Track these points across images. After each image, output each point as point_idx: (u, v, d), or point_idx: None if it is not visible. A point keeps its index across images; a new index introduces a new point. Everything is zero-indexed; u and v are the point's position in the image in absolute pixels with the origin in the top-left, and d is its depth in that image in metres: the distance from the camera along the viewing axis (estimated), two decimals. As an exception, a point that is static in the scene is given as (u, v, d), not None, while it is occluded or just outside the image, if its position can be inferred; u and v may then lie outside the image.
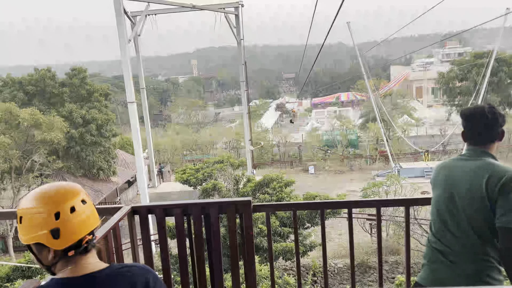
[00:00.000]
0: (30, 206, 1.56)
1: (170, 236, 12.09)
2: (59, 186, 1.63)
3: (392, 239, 19.36)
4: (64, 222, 1.54)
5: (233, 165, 21.31)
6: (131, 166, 36.08)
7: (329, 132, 49.09)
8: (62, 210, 1.54)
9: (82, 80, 31.22)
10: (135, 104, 21.15)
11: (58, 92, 30.31)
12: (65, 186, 1.63)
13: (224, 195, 17.87)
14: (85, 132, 29.18)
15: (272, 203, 5.79)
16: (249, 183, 18.67)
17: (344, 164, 42.61)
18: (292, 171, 41.43)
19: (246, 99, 35.73)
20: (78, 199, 1.60)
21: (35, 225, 1.54)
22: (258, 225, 14.65)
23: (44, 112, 27.63)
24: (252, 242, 3.30)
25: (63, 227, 1.54)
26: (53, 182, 1.74)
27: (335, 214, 16.44)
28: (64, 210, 1.55)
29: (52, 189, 1.60)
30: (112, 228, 3.00)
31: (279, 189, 17.68)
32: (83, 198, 1.62)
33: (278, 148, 47.70)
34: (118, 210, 3.21)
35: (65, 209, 1.55)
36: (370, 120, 47.31)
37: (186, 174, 21.58)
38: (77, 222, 1.56)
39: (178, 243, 3.36)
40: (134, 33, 26.83)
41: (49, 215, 1.53)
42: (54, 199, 1.56)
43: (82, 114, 29.46)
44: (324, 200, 16.00)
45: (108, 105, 33.79)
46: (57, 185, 1.63)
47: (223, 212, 3.29)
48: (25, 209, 1.57)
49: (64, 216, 1.54)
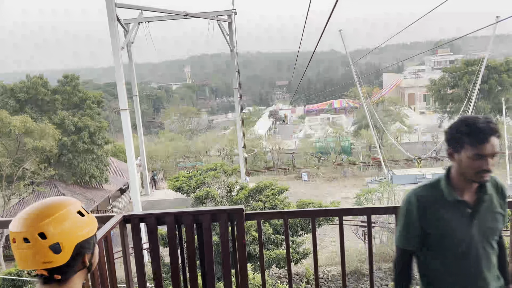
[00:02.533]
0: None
1: (163, 244, 12.02)
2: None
3: (386, 246, 19.39)
4: (14, 250, 1.55)
5: (226, 173, 21.26)
6: (123, 173, 35.89)
7: (322, 139, 49.25)
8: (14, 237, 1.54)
9: (75, 87, 31.12)
10: (128, 111, 21.09)
11: (50, 100, 30.17)
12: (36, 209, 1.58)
13: (217, 203, 17.81)
14: (77, 140, 29.01)
15: (264, 211, 5.79)
16: (242, 190, 18.64)
17: (338, 171, 42.72)
18: (286, 178, 41.45)
19: (240, 106, 35.79)
20: (22, 235, 1.52)
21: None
22: (251, 232, 14.62)
23: (36, 120, 27.47)
24: (245, 250, 3.30)
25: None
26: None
27: (328, 221, 16.44)
28: (16, 237, 1.53)
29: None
30: (104, 237, 2.99)
31: (272, 196, 17.66)
32: (26, 236, 1.51)
33: (271, 155, 47.72)
34: (110, 219, 3.20)
35: (18, 237, 1.53)
36: (363, 127, 47.56)
37: (179, 182, 21.49)
38: (17, 254, 1.53)
39: (170, 252, 3.35)
40: (127, 40, 26.85)
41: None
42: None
43: (75, 122, 29.31)
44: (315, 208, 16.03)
45: (101, 112, 33.70)
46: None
47: (215, 221, 3.29)
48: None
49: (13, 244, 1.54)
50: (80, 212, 1.61)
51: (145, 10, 25.31)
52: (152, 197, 34.31)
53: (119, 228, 3.30)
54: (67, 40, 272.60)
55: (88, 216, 1.64)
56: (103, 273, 2.98)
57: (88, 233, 1.61)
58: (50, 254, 1.51)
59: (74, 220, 1.57)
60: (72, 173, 30.02)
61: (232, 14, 31.10)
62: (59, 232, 1.51)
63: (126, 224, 3.32)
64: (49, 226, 1.51)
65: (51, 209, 1.55)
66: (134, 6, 24.32)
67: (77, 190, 30.01)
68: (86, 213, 1.64)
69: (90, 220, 1.65)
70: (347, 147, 47.60)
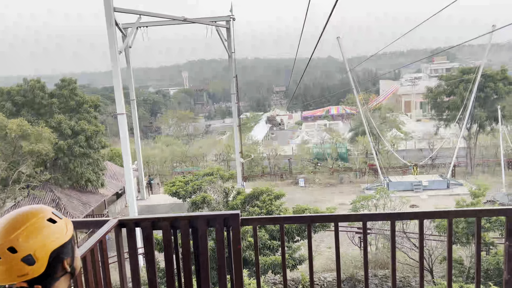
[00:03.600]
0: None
1: (158, 249, 11.97)
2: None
3: (381, 253, 19.36)
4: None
5: (223, 178, 21.25)
6: (120, 178, 35.79)
7: (319, 145, 49.36)
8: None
9: (72, 91, 31.08)
10: (125, 116, 21.10)
11: (47, 103, 30.10)
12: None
13: (214, 208, 17.78)
14: (73, 144, 28.95)
15: (260, 217, 5.78)
16: (239, 195, 18.62)
17: (334, 177, 42.76)
18: (282, 183, 41.44)
19: (237, 111, 35.84)
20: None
21: None
22: (247, 238, 14.58)
23: (32, 123, 27.39)
24: (240, 256, 3.30)
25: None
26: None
27: (324, 227, 16.43)
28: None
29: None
30: (99, 241, 2.98)
31: (269, 202, 17.65)
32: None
33: (268, 160, 47.74)
34: (105, 223, 3.19)
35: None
36: (359, 134, 47.67)
37: (175, 187, 21.46)
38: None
39: (165, 257, 3.34)
40: (125, 44, 26.89)
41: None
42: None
43: (71, 125, 29.26)
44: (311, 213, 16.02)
45: (98, 116, 33.64)
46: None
47: (211, 226, 3.29)
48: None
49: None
50: (51, 219, 1.56)
51: (144, 15, 25.38)
52: (148, 202, 34.21)
53: (114, 233, 3.29)
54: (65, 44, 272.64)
55: (60, 222, 1.59)
56: (98, 278, 2.97)
57: (62, 239, 1.57)
58: (24, 266, 1.48)
59: (45, 228, 1.53)
60: (68, 177, 29.91)
61: (231, 20, 31.23)
62: (30, 243, 1.48)
63: (122, 228, 3.31)
64: (18, 239, 1.48)
65: (18, 222, 1.52)
66: (132, 11, 24.38)
67: (73, 194, 29.89)
68: (59, 219, 1.59)
69: (64, 225, 1.60)
70: (344, 154, 47.69)
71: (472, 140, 43.44)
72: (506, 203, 29.25)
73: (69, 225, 1.64)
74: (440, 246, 17.31)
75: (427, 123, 65.63)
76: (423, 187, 36.53)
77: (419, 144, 51.55)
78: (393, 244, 3.35)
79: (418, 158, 44.29)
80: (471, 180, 37.82)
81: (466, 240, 16.52)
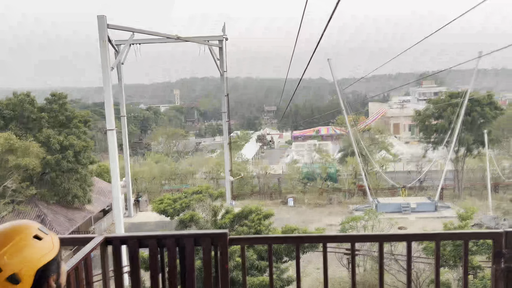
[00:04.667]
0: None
1: (144, 268, 11.76)
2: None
3: (369, 274, 19.28)
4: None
5: (212, 196, 21.14)
6: (107, 194, 35.34)
7: (309, 165, 49.42)
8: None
9: (62, 106, 30.90)
10: (115, 132, 20.98)
11: (37, 117, 29.85)
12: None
13: (202, 227, 17.61)
14: (61, 159, 28.61)
15: (249, 236, 5.75)
16: (228, 214, 18.50)
17: (323, 197, 42.76)
18: (272, 203, 41.27)
19: (228, 129, 35.91)
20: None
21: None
22: (235, 258, 14.43)
23: (20, 137, 27.09)
24: (228, 276, 3.26)
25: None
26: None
27: (313, 248, 16.35)
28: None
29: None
30: (84, 259, 2.93)
31: (257, 221, 17.55)
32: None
33: (258, 179, 47.62)
34: (90, 240, 3.14)
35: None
36: (349, 155, 47.91)
37: (163, 204, 21.27)
38: None
39: (151, 276, 3.29)
40: (118, 61, 26.97)
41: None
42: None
43: (60, 140, 28.96)
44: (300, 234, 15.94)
45: (87, 132, 33.40)
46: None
47: (198, 245, 3.25)
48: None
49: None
50: (37, 236, 1.53)
51: (137, 32, 25.52)
52: (135, 219, 33.80)
53: (100, 250, 3.23)
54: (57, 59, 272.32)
55: (47, 238, 1.56)
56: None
57: (48, 256, 1.54)
58: (8, 286, 1.45)
59: (31, 246, 1.50)
60: (55, 193, 29.46)
61: (223, 39, 31.57)
62: (15, 262, 1.45)
63: (108, 246, 3.26)
64: (3, 258, 1.44)
65: (3, 239, 1.48)
66: (126, 28, 24.50)
67: (59, 210, 29.41)
68: (45, 235, 1.56)
69: (50, 241, 1.57)
70: (333, 174, 47.80)
71: (459, 163, 43.92)
72: (493, 226, 29.45)
73: (55, 240, 1.61)
74: (428, 269, 17.29)
75: (415, 146, 66.28)
76: (411, 209, 36.67)
77: (408, 166, 51.94)
78: (381, 266, 3.35)
79: (407, 180, 44.58)
80: (458, 203, 38.09)
81: (454, 263, 16.55)
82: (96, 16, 20.57)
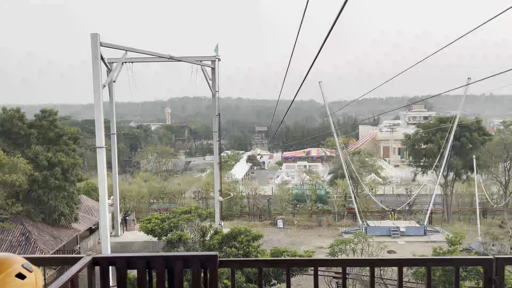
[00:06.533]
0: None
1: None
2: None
3: (359, 299, 19.08)
4: None
5: (201, 216, 20.94)
6: (94, 212, 34.82)
7: (299, 186, 49.35)
8: None
9: (52, 123, 30.67)
10: (104, 149, 20.83)
11: (26, 133, 29.54)
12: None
13: (190, 247, 17.38)
14: (49, 176, 28.20)
15: (239, 259, 5.68)
16: (216, 235, 18.30)
17: (313, 219, 42.59)
18: (261, 224, 40.97)
19: (218, 149, 35.85)
20: None
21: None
22: (223, 280, 14.22)
23: (8, 153, 26.74)
24: (216, 299, 3.20)
25: None
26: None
27: (302, 271, 16.16)
28: None
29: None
30: (70, 280, 2.85)
31: (246, 243, 17.37)
32: None
33: (247, 200, 47.35)
34: (78, 260, 3.07)
35: None
36: (338, 177, 47.99)
37: (151, 224, 20.98)
38: None
39: (138, 298, 3.21)
40: (110, 79, 26.97)
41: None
42: None
43: (48, 157, 28.61)
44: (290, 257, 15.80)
45: (76, 149, 33.08)
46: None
47: (187, 267, 3.20)
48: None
49: None
50: (20, 274, 1.48)
51: (130, 51, 25.62)
52: (122, 239, 33.21)
53: (87, 271, 3.16)
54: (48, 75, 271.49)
55: (30, 276, 1.51)
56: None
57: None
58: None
59: (12, 286, 1.45)
60: (41, 210, 28.95)
61: (216, 60, 31.81)
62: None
63: (95, 266, 3.19)
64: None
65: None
66: (119, 47, 24.61)
67: (44, 228, 28.86)
68: (29, 272, 1.51)
69: (34, 279, 1.52)
70: (323, 196, 47.74)
71: (448, 188, 44.18)
72: (482, 252, 29.49)
73: (39, 278, 1.56)
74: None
75: (405, 169, 66.73)
76: (400, 232, 36.64)
77: (397, 190, 52.12)
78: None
79: (396, 203, 44.66)
80: (447, 228, 38.17)
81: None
82: (90, 34, 20.67)
